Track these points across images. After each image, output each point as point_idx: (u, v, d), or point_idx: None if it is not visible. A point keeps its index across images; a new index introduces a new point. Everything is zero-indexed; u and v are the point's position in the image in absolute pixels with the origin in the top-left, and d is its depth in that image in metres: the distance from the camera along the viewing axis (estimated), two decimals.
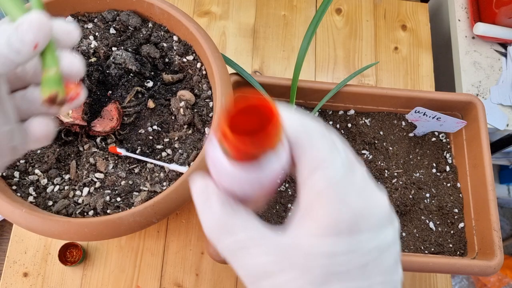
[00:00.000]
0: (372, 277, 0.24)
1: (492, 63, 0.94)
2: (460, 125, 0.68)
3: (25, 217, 0.50)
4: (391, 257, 0.25)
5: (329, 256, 0.23)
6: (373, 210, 0.24)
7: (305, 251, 0.24)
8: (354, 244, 0.24)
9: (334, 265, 0.23)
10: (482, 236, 0.62)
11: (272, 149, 0.22)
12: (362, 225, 0.24)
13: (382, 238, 0.24)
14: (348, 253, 0.24)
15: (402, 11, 0.97)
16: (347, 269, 0.24)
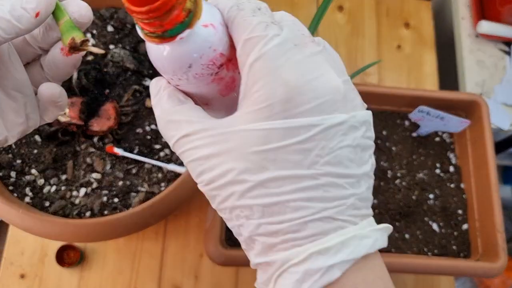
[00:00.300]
0: (317, 166, 0.22)
1: (496, 62, 0.92)
2: (464, 124, 0.67)
3: (22, 218, 0.49)
4: (346, 145, 0.23)
5: (264, 141, 0.22)
6: (314, 86, 0.22)
7: (240, 136, 0.22)
8: (291, 125, 0.22)
9: (270, 150, 0.22)
10: (486, 238, 0.61)
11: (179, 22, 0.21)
12: (299, 103, 0.22)
13: (330, 121, 0.22)
14: (284, 136, 0.22)
15: (405, 8, 0.96)
16: (284, 155, 0.22)
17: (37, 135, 0.55)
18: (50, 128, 0.55)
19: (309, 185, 0.22)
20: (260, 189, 0.22)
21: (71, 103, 0.53)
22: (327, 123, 0.22)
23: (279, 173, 0.22)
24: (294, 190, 0.22)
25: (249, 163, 0.22)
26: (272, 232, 0.23)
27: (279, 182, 0.22)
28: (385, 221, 0.63)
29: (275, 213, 0.22)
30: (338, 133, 0.22)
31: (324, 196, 0.22)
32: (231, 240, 0.59)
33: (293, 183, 0.22)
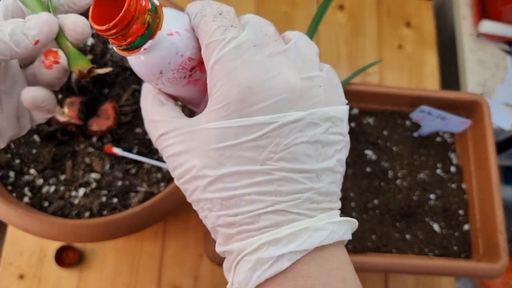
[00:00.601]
0: (271, 162, 0.23)
1: (497, 61, 0.92)
2: (465, 124, 0.67)
3: (20, 218, 0.49)
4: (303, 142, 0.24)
5: (221, 138, 0.23)
6: (268, 86, 0.23)
7: (201, 134, 0.24)
8: (245, 124, 0.23)
9: (226, 148, 0.23)
10: (487, 238, 0.61)
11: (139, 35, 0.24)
12: (252, 102, 0.23)
13: (284, 119, 0.23)
14: (239, 134, 0.23)
15: (406, 8, 0.96)
16: (239, 152, 0.23)
17: (36, 135, 0.55)
18: (49, 128, 0.54)
19: (263, 180, 0.23)
20: (219, 184, 0.24)
21: (70, 103, 0.53)
22: (281, 121, 0.23)
23: (235, 169, 0.23)
24: (248, 184, 0.24)
25: (208, 159, 0.24)
26: (229, 223, 0.24)
27: (235, 177, 0.24)
28: (386, 221, 0.63)
29: (232, 206, 0.24)
30: (294, 130, 0.23)
31: (277, 190, 0.24)
32: None
33: (247, 178, 0.23)
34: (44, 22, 0.27)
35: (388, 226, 0.63)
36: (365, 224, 0.62)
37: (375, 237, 0.62)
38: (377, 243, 0.61)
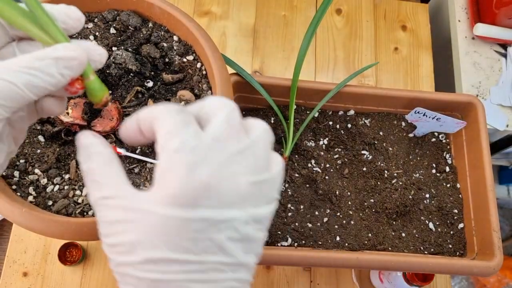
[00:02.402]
0: (204, 254, 0.25)
1: (492, 63, 0.94)
2: (460, 125, 0.68)
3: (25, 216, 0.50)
4: (235, 239, 0.26)
5: (164, 223, 0.24)
6: (220, 186, 0.25)
7: (146, 213, 0.24)
8: (190, 216, 0.24)
9: (166, 234, 0.24)
10: (482, 237, 0.62)
11: None
12: (202, 198, 0.24)
13: (226, 216, 0.25)
14: (183, 225, 0.24)
15: (402, 11, 0.98)
16: (178, 241, 0.24)
17: (41, 135, 0.56)
18: (53, 128, 0.55)
19: (194, 269, 0.25)
20: (151, 265, 0.24)
21: (74, 104, 0.54)
22: (220, 217, 0.25)
23: (170, 255, 0.24)
24: (180, 271, 0.25)
25: (146, 239, 0.24)
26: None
27: (168, 263, 0.24)
28: (382, 220, 0.64)
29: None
30: (230, 228, 0.25)
31: (205, 279, 0.25)
32: None
33: (180, 265, 0.24)
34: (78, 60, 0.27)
35: (384, 224, 0.64)
36: (362, 223, 0.64)
37: (371, 235, 0.63)
38: (373, 241, 0.62)
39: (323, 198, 0.64)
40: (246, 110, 0.69)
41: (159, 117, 0.26)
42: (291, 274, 0.76)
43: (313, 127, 0.68)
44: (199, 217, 0.24)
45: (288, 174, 0.64)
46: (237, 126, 0.27)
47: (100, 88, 0.29)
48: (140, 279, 0.25)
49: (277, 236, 0.61)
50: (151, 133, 0.27)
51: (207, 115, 0.27)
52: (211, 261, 0.25)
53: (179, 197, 0.24)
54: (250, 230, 0.26)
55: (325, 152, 0.67)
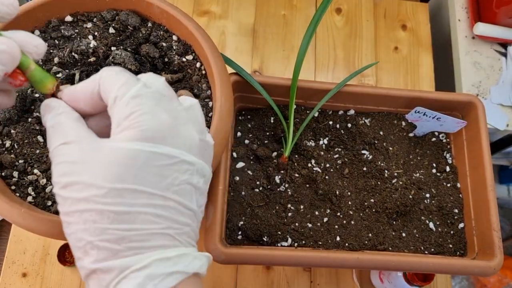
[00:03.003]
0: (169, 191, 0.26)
1: (492, 63, 0.94)
2: (460, 125, 0.68)
3: (24, 217, 0.50)
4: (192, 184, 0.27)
5: (131, 157, 0.25)
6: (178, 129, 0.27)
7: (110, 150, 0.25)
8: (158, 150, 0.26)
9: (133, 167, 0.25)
10: (482, 237, 0.62)
11: None
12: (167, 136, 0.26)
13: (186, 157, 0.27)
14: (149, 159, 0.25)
15: (402, 11, 0.97)
16: (145, 174, 0.25)
17: (40, 136, 0.56)
18: None
19: (160, 204, 0.26)
20: (115, 197, 0.25)
21: None
22: (183, 157, 0.27)
23: (137, 187, 0.25)
24: (147, 204, 0.25)
25: (111, 173, 0.25)
26: (117, 238, 0.25)
27: (135, 195, 0.25)
28: (382, 220, 0.64)
29: (125, 221, 0.25)
30: (188, 172, 0.27)
31: (169, 217, 0.26)
32: (231, 239, 0.60)
33: (147, 199, 0.25)
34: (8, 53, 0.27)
35: (384, 224, 0.64)
36: (362, 223, 0.63)
37: (371, 235, 0.63)
38: (373, 241, 0.62)
39: (323, 198, 0.64)
40: (245, 110, 0.69)
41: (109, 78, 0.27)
42: (291, 274, 0.76)
43: (313, 127, 0.68)
44: (167, 153, 0.26)
45: (288, 174, 0.64)
46: (174, 92, 0.30)
47: (45, 77, 0.29)
48: (102, 212, 0.24)
49: (277, 236, 0.61)
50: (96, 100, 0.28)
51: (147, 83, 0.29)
52: (174, 199, 0.26)
53: (146, 133, 0.26)
54: (201, 184, 0.28)
55: (325, 152, 0.67)
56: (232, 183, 0.62)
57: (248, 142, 0.67)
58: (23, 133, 0.55)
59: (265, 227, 0.60)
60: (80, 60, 0.58)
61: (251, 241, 0.61)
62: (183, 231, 0.27)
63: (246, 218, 0.61)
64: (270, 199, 0.63)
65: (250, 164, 0.65)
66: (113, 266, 0.25)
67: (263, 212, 0.62)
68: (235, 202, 0.62)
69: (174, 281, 0.25)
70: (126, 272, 0.24)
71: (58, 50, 0.57)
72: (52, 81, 0.29)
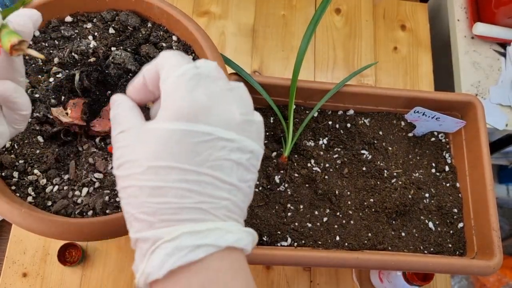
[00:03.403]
0: (202, 167, 0.27)
1: (492, 63, 0.94)
2: (459, 125, 0.68)
3: (24, 217, 0.50)
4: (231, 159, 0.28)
5: (168, 136, 0.27)
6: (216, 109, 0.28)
7: (152, 132, 0.27)
8: (192, 128, 0.27)
9: (169, 144, 0.27)
10: (482, 236, 0.62)
11: None
12: (202, 116, 0.27)
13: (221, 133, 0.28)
14: (184, 136, 0.27)
15: (401, 11, 0.98)
16: (180, 151, 0.27)
17: (40, 136, 0.56)
18: (53, 129, 0.55)
19: (192, 179, 0.27)
20: (151, 174, 0.27)
21: (73, 104, 0.54)
22: (218, 134, 0.28)
23: (170, 164, 0.27)
24: (179, 180, 0.27)
25: (149, 152, 0.27)
26: (152, 211, 0.27)
27: (168, 170, 0.27)
28: (382, 220, 0.64)
29: (159, 195, 0.27)
30: (226, 148, 0.28)
31: (202, 191, 0.27)
32: None
33: (179, 174, 0.27)
34: None
35: (383, 224, 0.64)
36: (361, 222, 0.64)
37: (371, 235, 0.63)
38: (373, 241, 0.62)
39: (323, 198, 0.64)
40: None
41: (164, 59, 0.29)
42: (291, 274, 0.76)
43: (312, 127, 0.68)
44: (200, 130, 0.27)
45: (288, 174, 0.64)
46: (224, 74, 0.31)
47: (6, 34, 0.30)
48: (141, 188, 0.27)
49: (276, 236, 0.61)
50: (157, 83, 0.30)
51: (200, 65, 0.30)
52: (208, 173, 0.27)
53: (181, 112, 0.27)
54: (244, 160, 0.29)
55: (324, 152, 0.67)
56: None
57: None
58: (23, 133, 0.55)
59: (265, 227, 0.61)
60: (80, 60, 0.58)
61: None
62: (221, 205, 0.28)
63: (246, 218, 0.61)
64: (270, 199, 0.63)
65: None
66: (148, 236, 0.27)
67: (263, 212, 0.62)
68: None
69: (202, 253, 0.26)
70: (159, 243, 0.26)
71: (58, 51, 0.57)
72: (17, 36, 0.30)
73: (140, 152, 0.27)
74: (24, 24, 0.32)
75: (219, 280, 0.26)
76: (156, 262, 0.26)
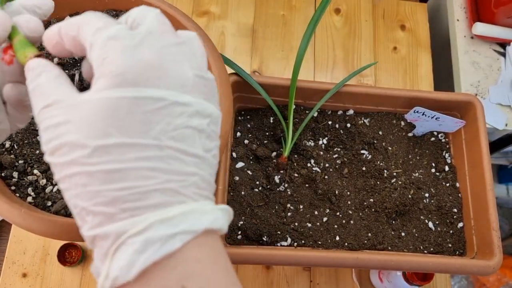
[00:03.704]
0: (163, 139, 0.23)
1: (491, 63, 0.94)
2: (459, 125, 0.68)
3: (24, 217, 0.50)
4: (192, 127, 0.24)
5: (112, 108, 0.22)
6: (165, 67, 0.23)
7: (89, 105, 0.22)
8: (139, 95, 0.22)
9: (116, 118, 0.22)
10: (481, 236, 0.62)
11: None
12: (150, 78, 0.23)
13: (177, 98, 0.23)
14: (132, 105, 0.22)
15: (401, 11, 0.98)
16: (131, 124, 0.22)
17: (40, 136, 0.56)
18: None
19: (154, 155, 0.22)
20: (103, 155, 0.22)
21: None
22: (173, 98, 0.23)
23: (124, 140, 0.22)
24: (138, 158, 0.22)
25: (93, 129, 0.22)
26: (111, 200, 0.22)
27: (123, 149, 0.22)
28: (382, 220, 0.64)
29: (117, 180, 0.22)
30: (184, 114, 0.24)
31: (168, 169, 0.23)
32: (231, 239, 0.60)
33: (137, 151, 0.22)
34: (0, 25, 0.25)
35: (383, 224, 0.64)
36: (361, 222, 0.64)
37: (371, 235, 0.63)
38: (373, 241, 0.62)
39: (323, 198, 0.64)
40: (245, 110, 0.69)
41: (87, 21, 0.25)
42: (290, 274, 0.76)
43: (312, 127, 0.68)
44: (151, 95, 0.23)
45: (288, 174, 0.64)
46: (169, 26, 0.26)
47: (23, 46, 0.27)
48: (92, 174, 0.22)
49: (276, 236, 0.61)
50: (75, 44, 0.25)
51: (135, 21, 0.25)
52: (171, 146, 0.23)
53: (124, 76, 0.22)
54: (205, 126, 0.25)
55: (324, 152, 0.67)
56: (232, 183, 0.63)
57: (248, 142, 0.67)
58: (23, 133, 0.55)
59: (264, 227, 0.61)
60: (80, 60, 0.58)
61: (250, 240, 0.61)
62: (190, 182, 0.23)
63: (245, 218, 0.61)
64: (270, 199, 0.63)
65: (250, 164, 0.65)
66: (109, 231, 0.22)
67: (263, 212, 0.62)
68: (234, 202, 0.62)
69: (178, 242, 0.22)
70: (123, 238, 0.22)
71: None
72: (32, 50, 0.27)
73: (80, 130, 0.22)
74: (35, 29, 0.28)
75: (200, 273, 0.23)
76: (123, 262, 0.21)
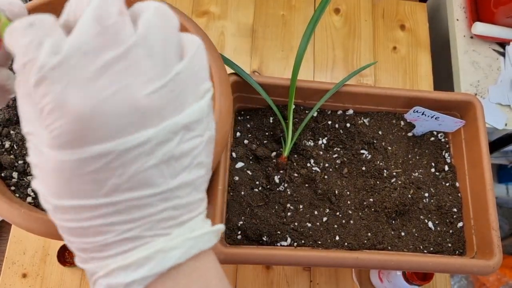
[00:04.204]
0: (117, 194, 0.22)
1: (491, 62, 0.94)
2: (458, 124, 0.68)
3: (23, 217, 0.50)
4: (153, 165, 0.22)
5: (59, 169, 0.21)
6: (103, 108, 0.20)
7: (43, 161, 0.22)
8: (80, 156, 0.20)
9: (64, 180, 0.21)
10: (481, 236, 0.62)
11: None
12: (87, 131, 0.20)
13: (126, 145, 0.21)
14: (75, 167, 0.21)
15: (400, 10, 0.98)
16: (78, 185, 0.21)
17: None
18: None
19: (108, 212, 0.22)
20: (61, 214, 0.22)
21: None
22: (121, 147, 0.20)
23: (74, 203, 0.21)
24: (92, 217, 0.22)
25: (50, 189, 0.22)
26: (81, 249, 0.23)
27: (77, 210, 0.22)
28: (381, 219, 0.64)
29: (78, 235, 0.23)
30: (141, 155, 0.21)
31: (127, 219, 0.22)
32: (230, 239, 0.60)
33: (90, 211, 0.22)
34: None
35: (383, 224, 0.64)
36: (361, 222, 0.64)
37: (370, 235, 0.63)
38: (372, 241, 0.62)
39: (322, 198, 0.64)
40: (245, 110, 0.69)
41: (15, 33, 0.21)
42: (290, 274, 0.76)
43: (312, 127, 0.68)
44: (91, 154, 0.20)
45: (287, 174, 0.64)
46: (114, 21, 0.21)
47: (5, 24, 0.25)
48: (60, 226, 0.23)
49: (276, 236, 0.61)
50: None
51: (75, 16, 0.22)
52: (127, 198, 0.21)
53: (59, 138, 0.20)
54: (173, 146, 0.22)
55: (324, 152, 0.67)
56: (232, 183, 0.63)
57: (248, 142, 0.67)
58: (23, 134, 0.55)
59: (264, 227, 0.61)
60: None
61: (250, 241, 0.61)
62: (156, 220, 0.22)
63: (245, 218, 0.61)
64: (270, 199, 0.63)
65: (250, 164, 0.65)
66: (86, 268, 0.24)
67: (263, 212, 0.62)
68: (234, 202, 0.62)
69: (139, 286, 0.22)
70: (95, 277, 0.23)
71: None
72: None
73: (43, 186, 0.22)
74: (19, 13, 0.25)
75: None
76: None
